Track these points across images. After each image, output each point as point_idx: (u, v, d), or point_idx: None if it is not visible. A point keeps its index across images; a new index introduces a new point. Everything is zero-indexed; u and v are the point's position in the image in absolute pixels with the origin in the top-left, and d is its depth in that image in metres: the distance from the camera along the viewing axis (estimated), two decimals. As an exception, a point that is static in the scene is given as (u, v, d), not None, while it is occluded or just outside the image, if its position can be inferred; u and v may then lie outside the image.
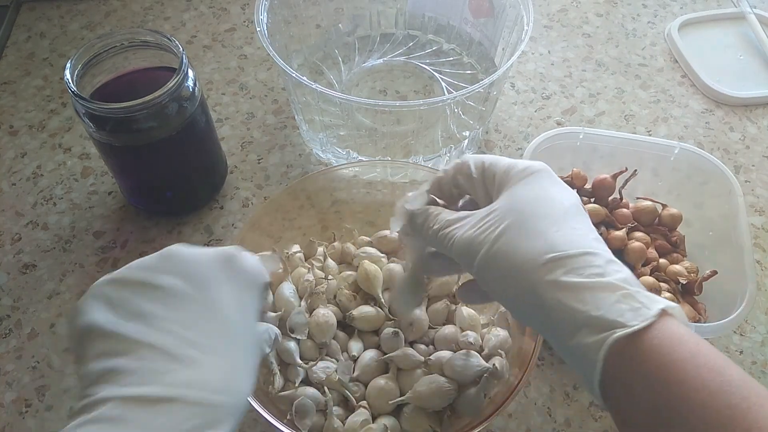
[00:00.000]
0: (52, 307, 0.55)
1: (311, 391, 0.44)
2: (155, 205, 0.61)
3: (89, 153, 0.66)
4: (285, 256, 0.50)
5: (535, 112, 0.71)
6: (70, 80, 0.50)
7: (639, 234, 0.55)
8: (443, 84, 0.71)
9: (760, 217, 0.62)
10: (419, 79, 0.72)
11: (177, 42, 0.52)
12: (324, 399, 0.44)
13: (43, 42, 0.77)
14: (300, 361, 0.45)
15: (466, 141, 0.64)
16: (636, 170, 0.56)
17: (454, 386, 0.44)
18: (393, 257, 0.52)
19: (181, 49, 0.52)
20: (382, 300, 0.48)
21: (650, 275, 0.52)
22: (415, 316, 0.47)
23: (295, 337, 0.45)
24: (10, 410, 0.50)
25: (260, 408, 0.40)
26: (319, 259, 0.52)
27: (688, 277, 0.52)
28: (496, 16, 0.67)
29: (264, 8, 0.60)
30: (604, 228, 0.55)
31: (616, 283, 0.29)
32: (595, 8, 0.82)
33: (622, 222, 0.56)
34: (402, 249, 0.52)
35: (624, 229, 0.54)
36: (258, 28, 0.58)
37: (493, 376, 0.43)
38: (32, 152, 0.66)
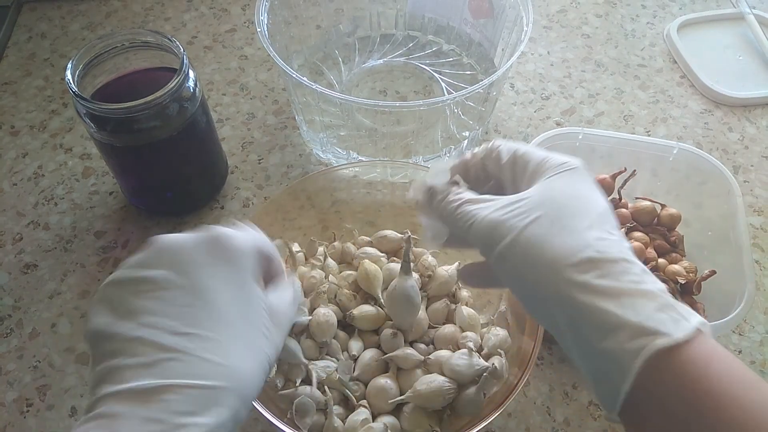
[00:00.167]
0: (54, 307, 0.56)
1: (312, 391, 0.44)
2: (156, 205, 0.61)
3: (90, 153, 0.66)
4: (288, 250, 0.50)
5: (535, 112, 0.71)
6: (71, 81, 0.50)
7: (638, 234, 0.55)
8: (443, 84, 0.71)
9: (758, 217, 0.63)
10: (419, 80, 0.72)
11: (178, 42, 0.53)
12: (324, 398, 0.44)
13: (44, 42, 0.77)
14: (305, 360, 0.45)
15: (466, 141, 0.64)
16: (635, 170, 0.56)
17: (454, 386, 0.44)
18: (393, 257, 0.52)
19: (182, 50, 0.52)
20: (382, 300, 0.48)
21: (649, 275, 0.52)
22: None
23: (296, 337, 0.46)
24: (11, 409, 0.50)
25: (260, 407, 0.40)
26: (319, 258, 0.52)
27: (687, 277, 0.52)
28: (496, 17, 0.68)
29: (264, 9, 0.60)
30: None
31: (656, 292, 0.28)
32: (595, 9, 0.83)
33: (621, 222, 0.56)
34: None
35: (623, 229, 0.55)
36: (258, 29, 0.58)
37: (492, 376, 0.44)
38: (33, 152, 0.67)
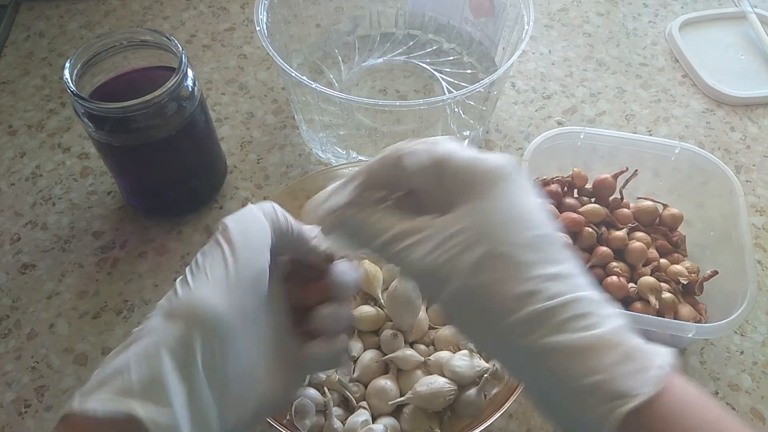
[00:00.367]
0: (52, 307, 0.55)
1: (311, 392, 0.44)
2: (154, 204, 0.61)
3: (88, 153, 0.66)
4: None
5: (536, 111, 0.71)
6: (69, 80, 0.50)
7: (640, 234, 0.55)
8: (443, 83, 0.70)
9: (761, 217, 0.62)
10: (419, 79, 0.72)
11: (176, 41, 0.52)
12: (324, 400, 0.44)
13: (42, 41, 0.77)
14: None
15: (467, 141, 0.64)
16: (637, 170, 0.56)
17: (455, 387, 0.43)
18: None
19: (181, 49, 0.52)
20: (382, 300, 0.48)
21: (651, 275, 0.52)
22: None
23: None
24: (9, 410, 0.50)
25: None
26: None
27: (689, 277, 0.52)
28: (497, 16, 0.67)
29: (263, 7, 0.60)
30: (605, 228, 0.55)
31: (613, 338, 0.25)
32: (596, 7, 0.82)
33: (622, 222, 0.55)
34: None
35: (625, 229, 0.54)
36: (257, 28, 0.58)
37: (493, 377, 0.43)
38: (31, 152, 0.66)
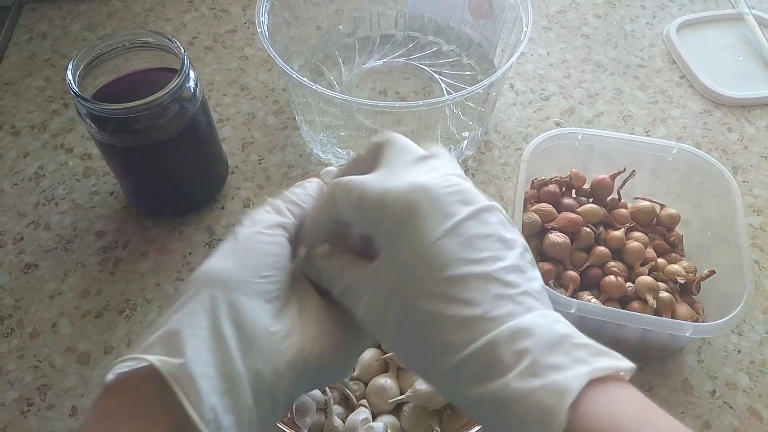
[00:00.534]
0: (54, 307, 0.56)
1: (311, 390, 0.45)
2: (157, 205, 0.61)
3: (91, 153, 0.66)
4: None
5: (534, 112, 0.71)
6: (72, 81, 0.50)
7: (637, 234, 0.55)
8: (443, 85, 0.71)
9: (758, 217, 0.63)
10: (419, 80, 0.72)
11: (178, 43, 0.53)
12: (324, 398, 0.44)
13: (45, 43, 0.77)
14: None
15: (466, 141, 0.64)
16: (634, 170, 0.56)
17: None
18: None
19: (183, 50, 0.52)
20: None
21: (648, 275, 0.52)
22: None
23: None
24: (11, 409, 0.50)
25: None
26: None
27: (687, 277, 0.52)
28: (496, 18, 0.68)
29: (265, 10, 0.61)
30: (603, 228, 0.56)
31: (518, 390, 0.24)
32: (594, 9, 0.83)
33: (620, 222, 0.56)
34: None
35: (622, 229, 0.55)
36: (259, 30, 0.58)
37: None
38: (34, 153, 0.67)
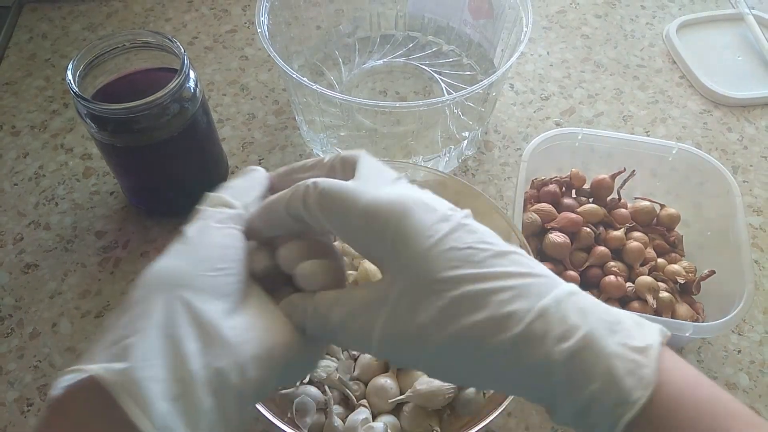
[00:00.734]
0: (54, 307, 0.56)
1: (312, 390, 0.45)
2: (157, 205, 0.61)
3: (91, 153, 0.66)
4: None
5: (534, 112, 0.71)
6: (72, 81, 0.50)
7: (637, 234, 0.56)
8: (443, 85, 0.71)
9: (757, 217, 0.63)
10: (419, 80, 0.72)
11: (178, 43, 0.53)
12: (324, 398, 0.44)
13: (45, 43, 0.77)
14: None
15: (466, 141, 0.64)
16: (634, 170, 0.57)
17: (454, 385, 0.44)
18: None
19: (183, 50, 0.52)
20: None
21: (648, 275, 0.52)
22: None
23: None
24: (11, 409, 0.50)
25: (260, 406, 0.40)
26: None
27: (687, 277, 0.52)
28: (496, 18, 0.68)
29: (265, 10, 0.61)
30: (603, 228, 0.56)
31: (607, 343, 0.25)
32: (594, 9, 0.83)
33: (620, 222, 0.56)
34: None
35: (622, 229, 0.55)
36: (259, 30, 0.58)
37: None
38: (34, 152, 0.67)
